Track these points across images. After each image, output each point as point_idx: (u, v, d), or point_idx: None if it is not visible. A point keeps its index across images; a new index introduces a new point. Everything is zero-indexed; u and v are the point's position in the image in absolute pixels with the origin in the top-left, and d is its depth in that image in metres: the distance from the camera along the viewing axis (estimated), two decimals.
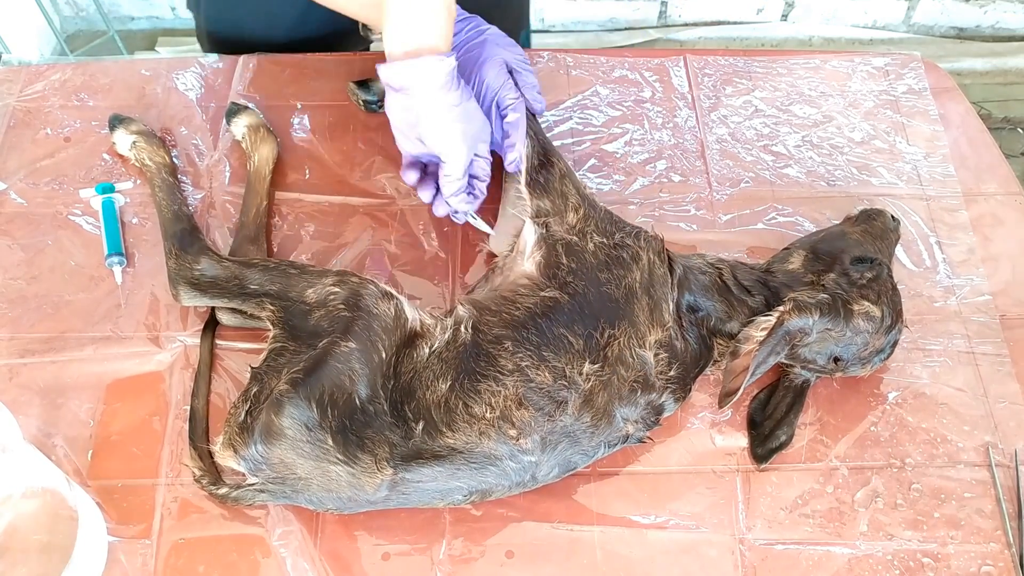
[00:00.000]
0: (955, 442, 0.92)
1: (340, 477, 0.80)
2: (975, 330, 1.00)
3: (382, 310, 0.86)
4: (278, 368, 0.84)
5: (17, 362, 0.94)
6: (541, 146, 0.99)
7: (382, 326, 0.85)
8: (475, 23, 1.00)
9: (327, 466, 0.80)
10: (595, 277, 0.89)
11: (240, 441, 0.81)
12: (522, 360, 0.85)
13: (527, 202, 0.95)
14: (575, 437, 0.84)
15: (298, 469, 0.81)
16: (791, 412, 0.92)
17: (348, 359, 0.83)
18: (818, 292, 0.91)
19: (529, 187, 0.96)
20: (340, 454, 0.80)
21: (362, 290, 0.87)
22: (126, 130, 1.08)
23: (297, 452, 0.80)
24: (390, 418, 0.82)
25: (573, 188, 0.96)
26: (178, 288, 0.93)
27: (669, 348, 0.88)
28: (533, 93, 1.00)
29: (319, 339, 0.84)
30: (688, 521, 0.87)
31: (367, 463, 0.80)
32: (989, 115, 2.34)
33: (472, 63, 0.97)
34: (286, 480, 0.81)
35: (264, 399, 0.82)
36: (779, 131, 1.16)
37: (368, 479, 0.80)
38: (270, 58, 1.20)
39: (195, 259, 0.93)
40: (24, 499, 0.77)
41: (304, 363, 0.83)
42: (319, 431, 0.80)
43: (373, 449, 0.80)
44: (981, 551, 0.86)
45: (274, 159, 1.08)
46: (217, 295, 0.93)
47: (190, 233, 0.97)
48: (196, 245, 0.95)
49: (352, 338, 0.83)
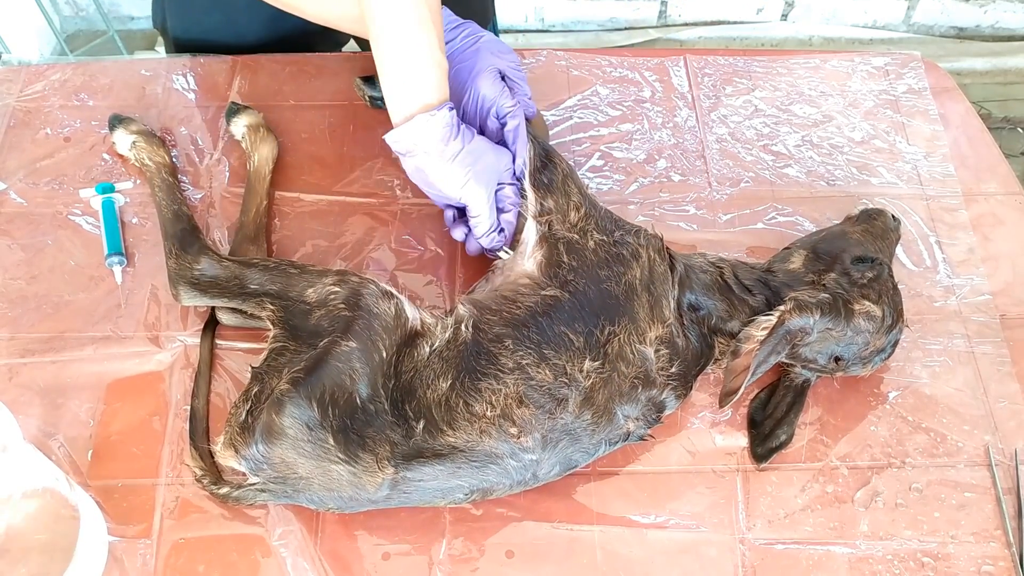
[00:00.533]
0: (955, 442, 0.92)
1: (341, 476, 0.80)
2: (975, 330, 1.00)
3: (382, 309, 0.86)
4: (279, 368, 0.84)
5: (17, 362, 0.94)
6: (542, 147, 0.99)
7: (383, 325, 0.85)
8: (469, 30, 0.99)
9: (328, 465, 0.80)
10: (595, 275, 0.89)
11: (241, 441, 0.81)
12: (523, 358, 0.85)
13: (531, 202, 0.95)
14: (576, 435, 0.84)
15: (299, 468, 0.81)
16: (791, 412, 0.92)
17: (349, 358, 0.83)
18: (819, 292, 0.91)
19: (534, 187, 0.96)
20: (341, 453, 0.80)
21: (362, 289, 0.87)
22: (126, 130, 1.08)
23: (298, 451, 0.80)
24: (391, 417, 0.82)
25: (575, 187, 0.96)
26: (178, 288, 0.93)
27: (670, 345, 0.88)
28: (525, 99, 1.00)
29: (319, 339, 0.84)
30: (688, 521, 0.87)
31: (368, 462, 0.80)
32: (989, 115, 2.34)
33: (466, 73, 0.97)
34: (287, 479, 0.81)
35: (265, 399, 0.82)
36: (779, 131, 1.16)
37: (369, 478, 0.80)
38: (270, 57, 1.20)
39: (195, 259, 0.93)
40: (24, 499, 0.77)
41: (305, 362, 0.83)
42: (320, 430, 0.80)
43: (374, 448, 0.80)
44: (981, 551, 0.86)
45: (274, 159, 1.08)
46: (217, 295, 0.93)
47: (190, 233, 0.96)
48: (196, 245, 0.95)
49: (353, 337, 0.83)
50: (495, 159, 0.93)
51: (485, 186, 0.92)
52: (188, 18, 1.24)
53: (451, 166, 0.90)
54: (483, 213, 0.93)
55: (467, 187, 0.91)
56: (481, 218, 0.93)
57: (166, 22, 1.26)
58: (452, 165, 0.90)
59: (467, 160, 0.90)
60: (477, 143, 0.92)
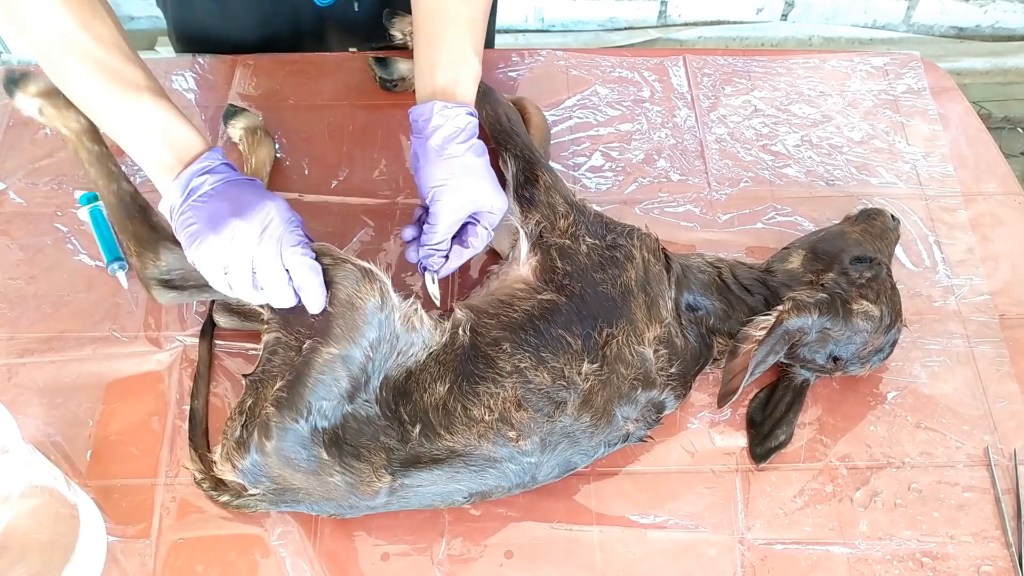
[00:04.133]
0: (955, 442, 0.92)
1: (339, 487, 0.80)
2: (974, 330, 1.00)
3: (363, 297, 0.81)
4: (272, 374, 0.81)
5: (17, 362, 0.94)
6: (526, 161, 0.99)
7: (363, 319, 0.81)
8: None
9: (325, 478, 0.80)
10: (591, 278, 0.89)
11: (237, 456, 0.81)
12: (521, 362, 0.84)
13: (516, 215, 0.95)
14: (575, 437, 0.84)
15: (296, 482, 0.81)
16: (790, 411, 0.92)
17: (332, 366, 0.80)
18: (817, 291, 0.91)
19: (517, 203, 0.96)
20: (337, 466, 0.79)
21: (337, 272, 0.81)
22: (26, 92, 0.93)
23: (294, 468, 0.80)
24: (383, 420, 0.81)
25: (560, 198, 0.95)
26: (151, 290, 0.89)
27: (669, 345, 0.88)
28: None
29: (309, 329, 0.81)
30: (687, 521, 0.87)
31: (365, 472, 0.80)
32: (989, 115, 2.34)
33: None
34: (286, 491, 0.81)
35: (259, 413, 0.80)
36: (778, 131, 1.16)
37: (367, 487, 0.80)
38: (270, 57, 1.20)
39: (155, 255, 0.87)
40: (24, 499, 0.77)
41: (288, 377, 0.80)
42: (312, 447, 0.79)
43: (369, 457, 0.80)
44: (981, 551, 0.86)
45: (271, 161, 1.07)
46: (196, 291, 0.89)
47: (142, 223, 0.88)
48: (153, 238, 0.87)
49: (333, 342, 0.80)
50: (483, 188, 0.90)
51: (454, 203, 0.88)
52: (186, 5, 1.24)
53: (439, 162, 0.88)
54: (439, 226, 0.89)
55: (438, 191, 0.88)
56: (436, 230, 0.89)
57: (167, 5, 1.26)
58: (440, 162, 0.88)
59: (455, 168, 0.88)
60: (475, 163, 0.89)
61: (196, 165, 0.80)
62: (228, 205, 0.79)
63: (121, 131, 0.81)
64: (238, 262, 0.79)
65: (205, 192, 0.80)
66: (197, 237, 0.78)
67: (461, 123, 0.88)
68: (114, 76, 0.79)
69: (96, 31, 0.79)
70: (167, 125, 0.81)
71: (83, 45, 0.78)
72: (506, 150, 1.02)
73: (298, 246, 0.80)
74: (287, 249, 0.79)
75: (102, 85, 0.79)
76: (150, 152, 0.81)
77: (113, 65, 0.79)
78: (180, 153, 0.81)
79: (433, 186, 0.88)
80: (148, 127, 0.80)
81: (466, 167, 0.89)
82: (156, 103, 0.80)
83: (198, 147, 0.82)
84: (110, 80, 0.79)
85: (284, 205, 0.82)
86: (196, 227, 0.79)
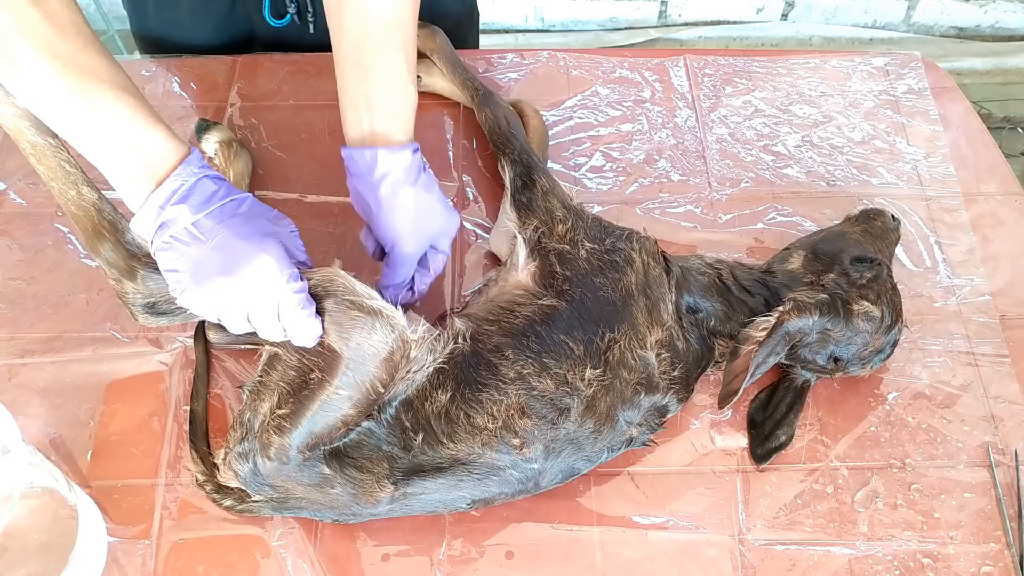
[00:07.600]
0: (955, 442, 0.92)
1: (341, 497, 0.80)
2: (975, 330, 1.00)
3: (377, 347, 0.77)
4: (269, 387, 0.80)
5: (17, 362, 0.94)
6: (524, 166, 0.99)
7: (377, 366, 0.77)
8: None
9: (327, 490, 0.80)
10: (591, 283, 0.89)
11: (239, 466, 0.80)
12: (523, 368, 0.83)
13: (514, 220, 0.95)
14: (579, 443, 0.84)
15: (298, 491, 0.81)
16: (791, 412, 0.92)
17: (340, 404, 0.77)
18: (818, 292, 0.91)
19: (514, 208, 0.96)
20: (339, 478, 0.79)
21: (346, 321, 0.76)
22: None
23: (295, 482, 0.80)
24: (385, 430, 0.81)
25: (558, 202, 0.95)
26: (137, 317, 0.83)
27: (671, 348, 0.88)
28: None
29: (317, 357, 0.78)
30: (688, 521, 0.87)
31: (367, 482, 0.80)
32: (989, 115, 2.34)
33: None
34: (289, 499, 0.82)
35: (259, 427, 0.79)
36: (779, 131, 1.16)
37: (369, 496, 0.80)
38: (269, 58, 1.20)
39: (131, 278, 0.79)
40: (24, 499, 0.77)
41: (291, 405, 0.78)
42: (313, 463, 0.79)
43: (371, 468, 0.80)
44: (981, 551, 0.86)
45: (249, 173, 1.06)
46: (187, 315, 0.82)
47: (116, 245, 0.78)
48: (129, 265, 0.78)
49: (344, 387, 0.77)
50: (439, 220, 0.87)
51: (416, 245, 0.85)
52: (141, 12, 1.23)
53: (396, 212, 0.82)
54: (404, 267, 0.86)
55: (399, 241, 0.83)
56: (400, 272, 0.86)
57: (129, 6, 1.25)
58: (397, 211, 0.82)
59: (412, 213, 0.83)
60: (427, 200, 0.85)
61: (170, 183, 0.70)
62: (214, 257, 0.70)
63: (76, 133, 0.68)
64: (229, 314, 0.74)
65: (185, 228, 0.70)
66: (181, 286, 0.72)
67: (407, 163, 0.82)
68: (70, 64, 0.66)
69: (49, 7, 0.65)
70: (134, 128, 0.68)
71: (32, 24, 0.64)
72: (504, 154, 1.02)
73: (297, 306, 0.73)
74: (284, 308, 0.73)
75: (54, 75, 0.65)
76: (113, 161, 0.69)
77: (68, 51, 0.65)
78: (150, 164, 0.69)
79: (393, 237, 0.84)
80: (110, 130, 0.68)
81: (421, 208, 0.84)
82: (120, 100, 0.68)
83: (172, 156, 0.70)
84: (64, 69, 0.66)
85: (279, 252, 0.73)
86: (178, 276, 0.71)
